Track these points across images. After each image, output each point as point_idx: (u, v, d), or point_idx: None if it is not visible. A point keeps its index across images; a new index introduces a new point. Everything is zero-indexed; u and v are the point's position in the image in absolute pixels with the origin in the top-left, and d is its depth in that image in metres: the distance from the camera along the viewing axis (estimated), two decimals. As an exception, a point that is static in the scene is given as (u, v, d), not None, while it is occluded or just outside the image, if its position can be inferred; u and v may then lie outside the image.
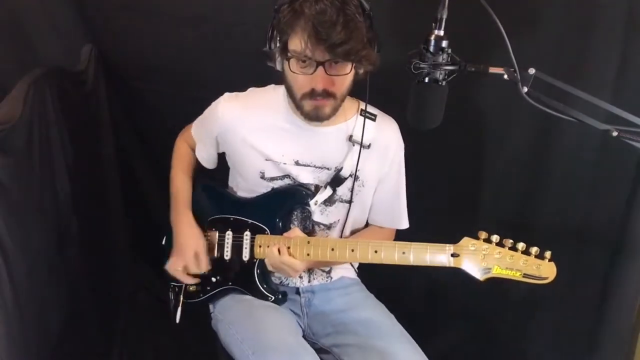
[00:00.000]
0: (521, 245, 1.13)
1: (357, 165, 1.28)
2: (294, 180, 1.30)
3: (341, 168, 1.29)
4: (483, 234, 1.15)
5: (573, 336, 1.72)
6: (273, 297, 1.32)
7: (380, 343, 1.23)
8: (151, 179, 1.92)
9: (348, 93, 1.20)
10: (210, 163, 1.42)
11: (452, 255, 1.16)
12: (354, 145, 1.28)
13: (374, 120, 1.29)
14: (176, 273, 1.34)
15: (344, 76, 1.14)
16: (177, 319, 1.40)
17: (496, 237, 1.14)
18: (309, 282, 1.39)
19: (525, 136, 1.61)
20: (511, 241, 1.13)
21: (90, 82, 1.64)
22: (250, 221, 1.32)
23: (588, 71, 1.46)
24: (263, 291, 1.31)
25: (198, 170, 1.45)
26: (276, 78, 1.23)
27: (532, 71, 1.00)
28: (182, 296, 1.40)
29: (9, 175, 1.07)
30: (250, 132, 1.28)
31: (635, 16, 1.39)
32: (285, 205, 1.31)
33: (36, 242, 1.20)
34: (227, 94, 1.33)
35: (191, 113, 1.42)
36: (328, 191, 1.29)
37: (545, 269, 1.13)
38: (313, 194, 1.30)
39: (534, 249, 1.13)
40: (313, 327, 1.36)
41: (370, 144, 1.28)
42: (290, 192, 1.30)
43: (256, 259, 1.31)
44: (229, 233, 1.34)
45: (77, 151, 1.46)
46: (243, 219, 1.33)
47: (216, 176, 1.44)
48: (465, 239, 1.16)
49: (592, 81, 1.46)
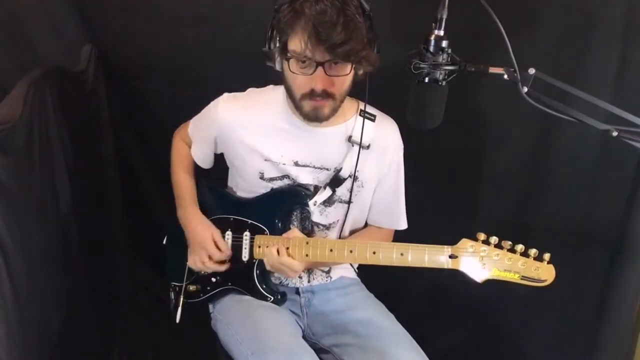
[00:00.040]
0: (520, 247, 1.11)
1: (357, 165, 1.27)
2: (293, 180, 1.30)
3: (340, 169, 1.29)
4: (482, 236, 1.13)
5: (573, 336, 1.72)
6: (272, 298, 1.32)
7: (380, 343, 1.23)
8: (151, 179, 1.92)
9: (347, 94, 1.20)
10: (206, 163, 1.42)
11: (450, 256, 1.15)
12: (353, 145, 1.27)
13: (374, 120, 1.29)
14: (205, 265, 1.32)
15: (344, 77, 1.14)
16: (177, 319, 1.40)
17: (495, 239, 1.12)
18: (309, 282, 1.39)
19: (525, 136, 1.61)
20: (510, 243, 1.11)
21: (90, 82, 1.64)
22: (249, 221, 1.32)
23: (588, 71, 1.46)
24: (262, 291, 1.32)
25: (197, 170, 1.45)
26: (276, 78, 1.23)
27: (532, 71, 1.00)
28: (183, 296, 1.40)
29: (9, 175, 1.07)
30: (249, 133, 1.28)
31: (635, 16, 1.39)
32: (284, 205, 1.31)
33: (36, 242, 1.20)
34: (226, 95, 1.32)
35: (191, 113, 1.41)
36: (327, 192, 1.29)
37: (544, 272, 1.12)
38: (312, 195, 1.30)
39: (533, 251, 1.11)
40: (313, 327, 1.36)
41: (369, 145, 1.28)
42: (289, 193, 1.30)
43: (255, 260, 1.31)
44: (229, 233, 1.34)
45: (77, 151, 1.47)
46: (243, 219, 1.33)
47: (216, 176, 1.44)
48: (463, 240, 1.15)
49: (592, 81, 1.46)
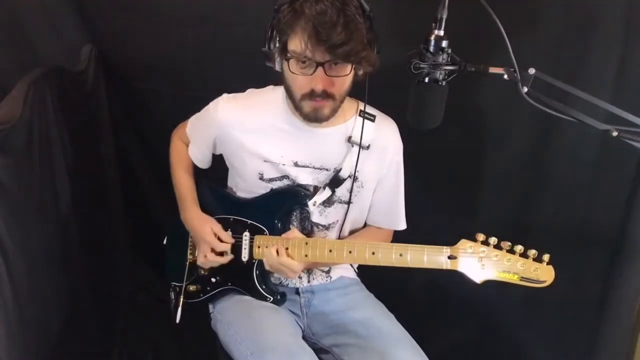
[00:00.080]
0: (519, 247, 1.11)
1: (356, 166, 1.27)
2: (293, 181, 1.30)
3: (340, 169, 1.29)
4: (481, 236, 1.13)
5: (573, 336, 1.72)
6: (272, 298, 1.32)
7: (379, 343, 1.23)
8: (151, 179, 1.92)
9: (347, 94, 1.20)
10: (203, 163, 1.42)
11: (449, 257, 1.14)
12: (353, 146, 1.27)
13: (373, 121, 1.29)
14: (207, 258, 1.32)
15: (344, 77, 1.14)
16: (178, 319, 1.40)
17: (494, 240, 1.12)
18: (309, 282, 1.39)
19: (525, 136, 1.61)
20: (509, 244, 1.11)
21: (90, 82, 1.64)
22: (249, 222, 1.32)
23: (588, 71, 1.45)
24: (262, 292, 1.32)
25: (197, 170, 1.45)
26: (276, 79, 1.23)
27: (532, 71, 1.00)
28: (183, 296, 1.40)
29: (9, 175, 1.07)
30: (249, 134, 1.28)
31: (635, 16, 1.39)
32: (284, 206, 1.31)
33: (36, 242, 1.20)
34: (225, 95, 1.32)
35: (191, 113, 1.41)
36: (327, 192, 1.29)
37: (543, 273, 1.11)
38: (312, 195, 1.30)
39: (532, 252, 1.11)
40: (313, 327, 1.36)
41: (369, 145, 1.28)
42: (289, 193, 1.30)
43: (255, 260, 1.31)
44: (229, 233, 1.34)
45: (77, 151, 1.47)
46: (242, 220, 1.33)
47: (215, 176, 1.44)
48: (462, 241, 1.15)
49: (592, 81, 1.46)
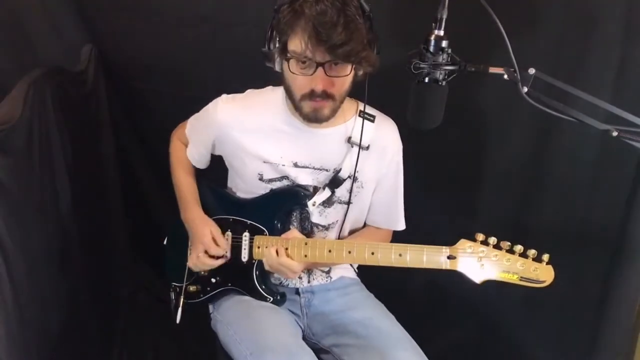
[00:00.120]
0: (518, 247, 1.11)
1: (356, 166, 1.27)
2: (293, 181, 1.30)
3: (340, 169, 1.29)
4: (480, 236, 1.12)
5: (573, 336, 1.72)
6: (272, 298, 1.32)
7: (379, 343, 1.23)
8: (151, 179, 1.92)
9: (347, 94, 1.20)
10: (201, 163, 1.42)
11: (449, 257, 1.14)
12: (353, 146, 1.27)
13: (373, 121, 1.29)
14: (200, 260, 1.31)
15: (344, 77, 1.14)
16: (178, 320, 1.40)
17: (493, 239, 1.12)
18: (309, 283, 1.39)
19: (525, 136, 1.61)
20: (508, 243, 1.11)
21: (90, 82, 1.64)
22: (249, 222, 1.32)
23: (588, 71, 1.45)
24: (262, 292, 1.31)
25: (198, 170, 1.45)
26: (276, 79, 1.23)
27: (532, 71, 1.00)
28: (183, 297, 1.40)
29: (9, 175, 1.07)
30: (248, 134, 1.28)
31: (635, 16, 1.39)
32: (283, 206, 1.31)
33: (36, 242, 1.20)
34: (225, 96, 1.32)
35: (191, 113, 1.41)
36: (326, 192, 1.29)
37: (542, 272, 1.11)
38: (311, 195, 1.30)
39: (532, 252, 1.10)
40: (313, 328, 1.36)
41: (369, 145, 1.28)
42: (288, 193, 1.30)
43: (255, 260, 1.31)
44: (228, 234, 1.34)
45: (77, 151, 1.47)
46: (242, 220, 1.33)
47: (215, 177, 1.44)
48: (462, 241, 1.14)
49: (592, 81, 1.45)
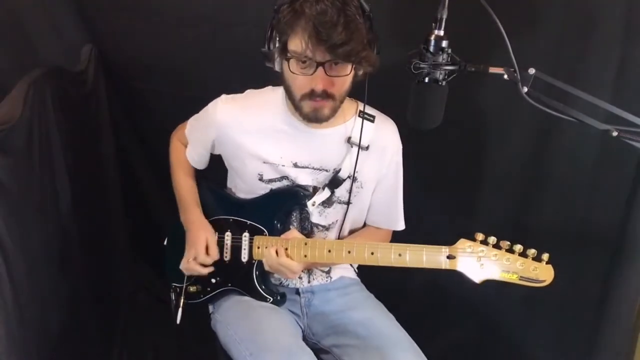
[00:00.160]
0: (518, 247, 1.11)
1: (356, 166, 1.27)
2: (292, 181, 1.30)
3: (339, 170, 1.29)
4: (480, 236, 1.12)
5: (573, 336, 1.72)
6: (272, 299, 1.32)
7: (379, 344, 1.22)
8: (151, 179, 1.92)
9: (347, 94, 1.20)
10: (200, 164, 1.42)
11: (448, 257, 1.14)
12: (353, 146, 1.27)
13: (373, 121, 1.29)
14: (189, 265, 1.31)
15: (344, 77, 1.14)
16: (178, 320, 1.40)
17: (493, 239, 1.12)
18: (309, 283, 1.39)
19: (525, 136, 1.61)
20: (508, 243, 1.11)
21: (90, 82, 1.64)
22: (249, 222, 1.32)
23: (588, 71, 1.46)
24: (261, 292, 1.31)
25: (197, 170, 1.45)
26: (276, 79, 1.23)
27: (532, 71, 1.00)
28: (183, 297, 1.40)
29: (9, 175, 1.07)
30: (248, 134, 1.28)
31: (635, 16, 1.39)
32: (283, 206, 1.31)
33: (36, 242, 1.20)
34: (224, 96, 1.32)
35: (191, 113, 1.41)
36: (326, 192, 1.29)
37: (542, 272, 1.11)
38: (311, 195, 1.30)
39: (531, 251, 1.10)
40: (313, 328, 1.36)
41: (368, 146, 1.28)
42: (288, 194, 1.30)
43: (255, 260, 1.31)
44: (228, 234, 1.34)
45: (77, 151, 1.47)
46: (242, 220, 1.33)
47: (215, 177, 1.44)
48: (461, 241, 1.14)
49: (592, 81, 1.46)
